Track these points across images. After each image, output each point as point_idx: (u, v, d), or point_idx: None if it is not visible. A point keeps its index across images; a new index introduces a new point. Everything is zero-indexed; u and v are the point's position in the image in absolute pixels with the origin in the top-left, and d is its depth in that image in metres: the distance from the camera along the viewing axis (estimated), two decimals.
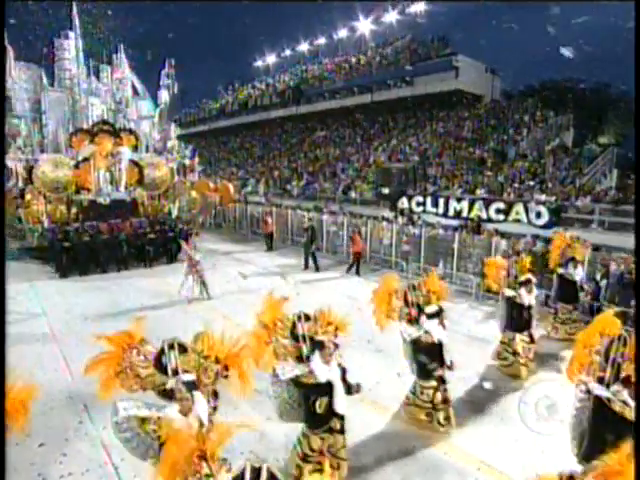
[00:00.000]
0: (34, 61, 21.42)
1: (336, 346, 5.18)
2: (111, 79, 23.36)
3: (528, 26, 51.35)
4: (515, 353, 8.36)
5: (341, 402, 5.07)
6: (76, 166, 17.57)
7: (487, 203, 17.95)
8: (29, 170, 16.84)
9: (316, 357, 5.04)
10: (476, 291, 13.00)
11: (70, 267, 15.67)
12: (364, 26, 45.82)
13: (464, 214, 18.59)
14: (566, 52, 26.75)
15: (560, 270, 10.36)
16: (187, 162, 23.32)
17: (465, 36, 46.34)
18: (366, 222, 17.41)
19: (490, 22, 54.43)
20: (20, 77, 20.15)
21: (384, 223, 16.78)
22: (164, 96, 25.31)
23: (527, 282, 8.31)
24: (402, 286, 7.00)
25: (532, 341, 8.68)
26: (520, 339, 8.38)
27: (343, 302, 11.68)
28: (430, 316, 6.53)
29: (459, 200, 18.97)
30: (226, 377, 4.60)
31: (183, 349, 4.54)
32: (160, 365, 4.46)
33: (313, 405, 4.94)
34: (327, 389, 5.01)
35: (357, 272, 15.65)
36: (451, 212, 19.11)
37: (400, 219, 18.06)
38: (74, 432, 6.72)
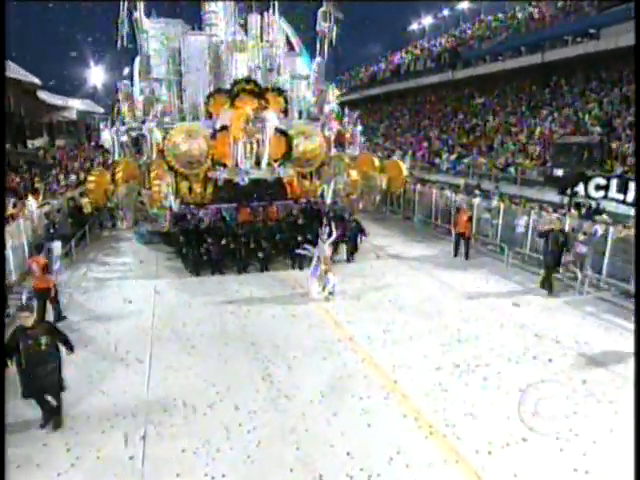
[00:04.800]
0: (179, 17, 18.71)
1: None
2: (261, 30, 18.93)
3: None
4: None
5: None
6: (212, 136, 14.83)
7: None
8: (163, 141, 14.71)
9: None
10: None
11: (202, 263, 13.30)
12: None
13: None
14: None
15: None
16: (348, 131, 18.42)
17: None
18: (529, 211, 14.04)
19: None
20: (158, 35, 17.60)
21: (554, 215, 13.25)
22: (321, 47, 19.28)
23: None
24: None
25: None
26: None
27: None
28: None
29: None
30: None
31: None
32: None
33: None
34: None
35: None
36: None
37: (575, 211, 14.26)
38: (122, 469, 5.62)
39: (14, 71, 34.43)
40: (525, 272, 13.26)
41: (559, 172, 16.26)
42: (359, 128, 18.94)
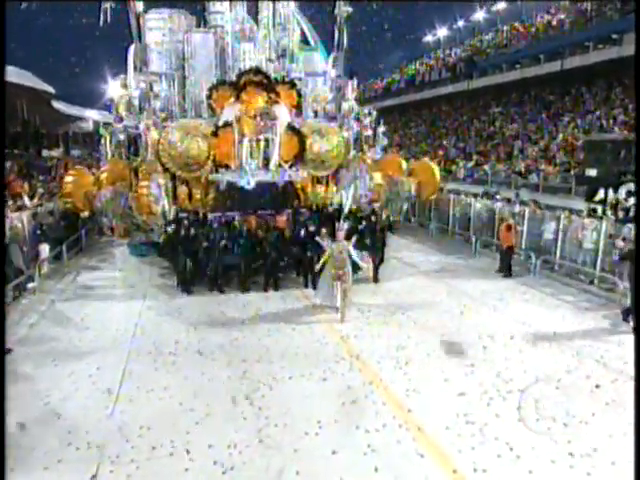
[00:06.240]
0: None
1: None
2: (272, 19, 17.39)
3: None
4: None
5: None
6: (214, 133, 12.99)
7: None
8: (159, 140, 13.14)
9: None
10: None
11: (199, 280, 11.77)
12: None
13: None
14: None
15: None
16: (369, 132, 16.62)
17: None
18: (558, 217, 12.71)
19: None
20: (159, 27, 16.40)
21: (586, 220, 11.90)
22: (339, 36, 17.94)
23: None
24: None
25: None
26: None
27: None
28: None
29: None
30: None
31: None
32: None
33: None
34: None
35: None
36: None
37: (610, 213, 12.88)
38: None
39: (27, 79, 34.02)
40: (555, 282, 11.94)
41: (592, 172, 14.76)
42: (382, 128, 17.58)
